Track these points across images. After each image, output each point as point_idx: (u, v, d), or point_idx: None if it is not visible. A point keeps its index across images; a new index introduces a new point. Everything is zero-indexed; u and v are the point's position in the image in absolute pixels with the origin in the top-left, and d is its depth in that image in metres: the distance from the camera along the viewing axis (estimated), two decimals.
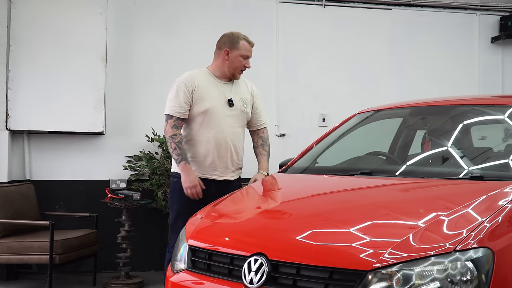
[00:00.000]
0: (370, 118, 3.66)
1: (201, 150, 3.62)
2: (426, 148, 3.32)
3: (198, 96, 3.60)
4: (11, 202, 4.92)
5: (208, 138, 3.61)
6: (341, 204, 2.71)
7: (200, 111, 3.60)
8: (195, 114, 3.61)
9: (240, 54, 3.68)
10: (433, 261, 2.00)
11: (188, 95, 3.59)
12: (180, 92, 3.59)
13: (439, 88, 6.18)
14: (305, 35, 6.14)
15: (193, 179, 3.52)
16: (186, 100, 3.58)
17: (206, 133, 3.61)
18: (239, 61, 3.69)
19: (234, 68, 3.69)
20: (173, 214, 3.71)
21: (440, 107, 3.49)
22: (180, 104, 3.58)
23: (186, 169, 3.52)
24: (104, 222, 5.25)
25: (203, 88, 3.62)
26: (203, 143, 3.62)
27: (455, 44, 6.47)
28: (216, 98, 3.64)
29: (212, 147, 3.62)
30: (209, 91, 3.64)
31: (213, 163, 3.64)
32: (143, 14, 5.80)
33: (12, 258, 4.68)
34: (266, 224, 2.59)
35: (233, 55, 3.68)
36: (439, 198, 2.54)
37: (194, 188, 3.52)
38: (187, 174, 3.52)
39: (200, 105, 3.60)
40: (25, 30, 5.32)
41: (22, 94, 5.32)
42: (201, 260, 2.53)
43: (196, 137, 3.63)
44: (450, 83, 6.35)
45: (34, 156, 5.54)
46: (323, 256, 2.16)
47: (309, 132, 5.90)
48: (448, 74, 6.41)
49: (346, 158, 3.48)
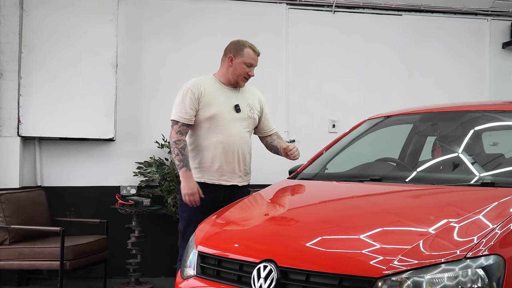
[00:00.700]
0: (380, 124, 3.65)
1: (208, 156, 3.62)
2: (436, 155, 3.30)
3: (205, 102, 3.61)
4: (23, 208, 4.94)
5: (215, 143, 3.61)
6: (350, 210, 2.70)
7: (207, 116, 3.60)
8: (202, 119, 3.61)
9: (244, 61, 3.68)
10: (444, 268, 1.98)
11: (194, 100, 3.60)
12: (186, 98, 3.60)
13: (449, 94, 6.15)
14: (314, 41, 6.14)
15: (192, 186, 3.52)
16: (192, 106, 3.59)
17: (213, 138, 3.61)
18: (242, 68, 3.68)
19: (237, 75, 3.69)
20: (183, 222, 3.71)
21: (450, 113, 3.47)
22: (186, 110, 3.59)
23: (187, 175, 3.53)
24: (114, 228, 5.27)
25: (209, 94, 3.63)
26: (210, 148, 3.62)
27: (466, 49, 6.44)
28: (223, 104, 3.65)
29: (219, 152, 3.62)
30: (215, 97, 3.65)
31: (221, 168, 3.63)
32: (153, 20, 5.83)
33: (23, 264, 4.70)
34: (276, 231, 2.58)
35: (237, 62, 3.69)
36: (449, 204, 2.53)
37: (192, 195, 3.52)
38: (187, 181, 3.53)
39: (207, 111, 3.60)
40: (37, 38, 5.37)
41: (34, 100, 5.36)
42: (210, 267, 2.53)
43: (203, 142, 3.63)
44: (460, 89, 6.32)
45: (45, 162, 5.58)
46: (332, 262, 2.16)
47: (319, 138, 5.89)
48: (459, 80, 6.38)
49: (356, 164, 3.47)
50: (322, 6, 6.16)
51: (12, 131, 5.35)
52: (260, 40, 5.95)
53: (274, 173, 4.39)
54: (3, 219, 4.73)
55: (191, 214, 3.59)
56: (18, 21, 5.35)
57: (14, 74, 5.36)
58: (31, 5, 5.37)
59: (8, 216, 4.77)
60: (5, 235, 4.73)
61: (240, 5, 5.99)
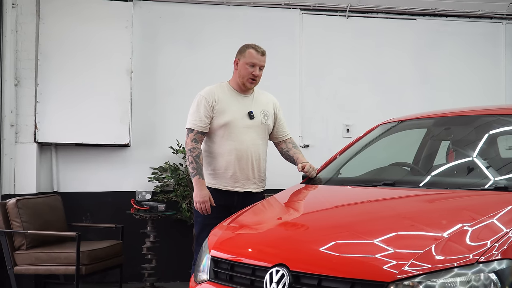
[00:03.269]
0: (394, 128, 3.65)
1: (222, 162, 3.65)
2: (450, 159, 3.29)
3: (219, 109, 3.65)
4: (39, 213, 4.99)
5: (229, 150, 3.64)
6: (363, 215, 2.70)
7: (221, 124, 3.64)
8: (216, 127, 3.65)
9: (246, 62, 3.71)
10: (456, 273, 1.98)
11: (209, 108, 3.64)
12: (200, 106, 3.65)
13: (464, 99, 6.11)
14: (328, 46, 6.15)
15: (204, 195, 3.56)
16: (206, 114, 3.63)
17: (227, 145, 3.64)
18: (246, 69, 3.70)
19: (242, 77, 3.72)
20: (198, 227, 3.73)
21: (465, 117, 3.45)
22: (200, 118, 3.63)
23: (199, 183, 3.57)
24: (129, 233, 5.30)
25: (223, 101, 3.67)
26: (224, 155, 3.65)
27: (481, 54, 6.40)
28: (236, 111, 3.68)
29: (233, 159, 3.64)
30: (229, 104, 3.68)
31: (234, 175, 3.66)
32: (168, 27, 5.87)
33: (40, 269, 4.74)
34: (288, 235, 2.59)
35: (241, 63, 3.73)
36: (462, 209, 2.52)
37: (204, 203, 3.55)
38: (200, 189, 3.56)
39: (221, 118, 3.64)
40: (53, 45, 5.44)
41: (50, 107, 5.42)
42: (223, 271, 2.54)
43: (218, 149, 3.67)
44: (475, 94, 6.28)
45: (61, 168, 5.64)
46: (344, 267, 2.16)
47: (333, 143, 5.89)
48: (473, 85, 6.34)
49: (370, 169, 3.47)
50: (336, 11, 6.16)
51: (29, 137, 5.42)
52: (274, 45, 6.01)
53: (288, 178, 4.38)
54: (20, 225, 4.79)
55: (205, 219, 3.62)
56: (35, 29, 5.43)
57: (31, 81, 5.43)
58: (47, 12, 5.44)
59: (25, 221, 4.82)
60: (22, 240, 4.78)
61: (254, 11, 6.01)
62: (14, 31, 5.39)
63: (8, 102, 5.35)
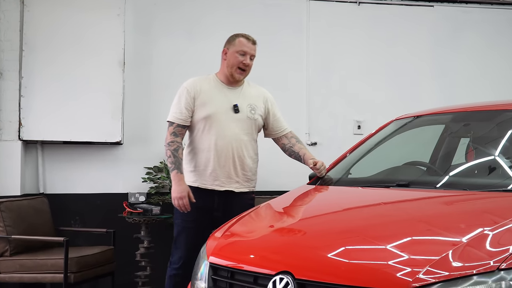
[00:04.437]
0: (409, 125, 3.65)
1: (202, 159, 3.70)
2: (470, 158, 3.28)
3: (201, 101, 3.70)
4: (24, 217, 5.01)
5: (209, 145, 3.68)
6: (375, 218, 2.70)
7: (202, 116, 3.68)
8: (197, 120, 3.70)
9: (236, 50, 3.75)
10: (476, 281, 1.98)
11: (190, 100, 3.68)
12: (182, 97, 3.71)
13: (485, 92, 6.09)
14: (338, 36, 6.14)
15: (182, 190, 3.59)
16: (187, 106, 3.68)
17: (207, 140, 3.68)
18: (235, 57, 3.74)
19: (231, 66, 3.75)
20: (176, 229, 3.81)
21: (485, 112, 3.45)
22: (181, 110, 3.68)
23: (177, 178, 3.60)
24: (122, 238, 5.31)
25: (206, 93, 3.72)
26: (204, 150, 3.69)
27: (505, 43, 6.39)
28: (220, 104, 3.71)
29: (212, 154, 3.68)
30: (212, 96, 3.72)
31: (214, 172, 3.69)
32: (164, 15, 5.88)
33: (24, 277, 4.75)
34: (293, 241, 2.59)
35: (230, 52, 3.77)
36: (482, 212, 2.52)
37: (181, 199, 3.58)
38: (178, 184, 3.60)
39: (202, 111, 3.68)
40: (39, 35, 5.44)
41: (36, 102, 5.43)
42: (222, 279, 2.54)
43: (198, 144, 3.72)
44: (499, 87, 6.26)
45: (48, 168, 5.65)
46: (354, 274, 2.16)
47: (343, 140, 5.89)
48: (498, 77, 6.33)
49: (382, 168, 3.47)
50: None
51: (12, 134, 5.43)
52: (279, 37, 6.02)
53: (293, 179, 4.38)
54: (3, 229, 4.80)
55: (184, 221, 3.71)
56: (19, 17, 5.43)
57: (14, 73, 5.44)
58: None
59: (8, 225, 4.83)
60: (6, 246, 4.80)
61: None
62: None
63: None
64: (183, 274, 3.64)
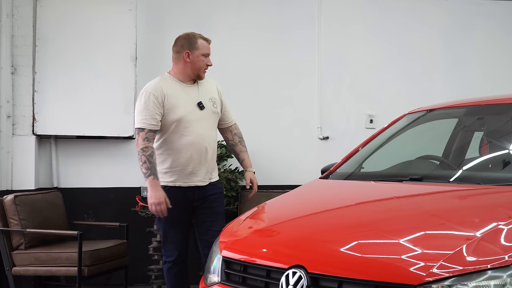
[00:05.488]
0: (422, 118, 3.63)
1: (181, 159, 3.76)
2: (484, 152, 3.26)
3: (169, 105, 3.74)
4: (38, 210, 5.04)
5: (186, 145, 3.75)
6: (389, 212, 2.69)
7: (174, 119, 3.73)
8: (169, 123, 3.74)
9: (201, 53, 3.82)
10: (490, 275, 1.97)
11: (159, 105, 3.72)
12: (149, 103, 3.72)
13: (499, 86, 6.03)
14: (349, 29, 6.11)
15: (159, 196, 3.64)
16: (157, 111, 3.71)
17: (183, 140, 3.75)
18: (201, 61, 3.82)
19: (198, 69, 3.83)
20: (163, 224, 3.87)
21: (500, 105, 3.42)
22: (152, 116, 3.70)
23: (154, 184, 3.65)
24: (134, 232, 5.33)
25: (172, 96, 3.76)
26: (182, 151, 3.75)
27: None
28: (186, 104, 3.78)
29: (191, 153, 3.76)
30: (178, 98, 3.78)
31: (194, 169, 3.78)
32: (175, 10, 5.87)
33: (39, 270, 4.79)
34: (306, 235, 2.59)
35: (194, 55, 3.82)
36: (497, 206, 2.50)
37: (159, 205, 3.64)
38: (154, 190, 3.64)
39: (173, 114, 3.73)
40: (52, 30, 5.47)
41: (49, 97, 5.46)
42: (235, 273, 2.55)
43: (174, 146, 3.76)
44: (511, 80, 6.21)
45: (61, 162, 5.68)
46: (367, 269, 2.15)
47: (355, 134, 5.86)
48: (509, 71, 6.27)
49: (395, 162, 3.45)
50: None
51: (27, 129, 5.47)
52: (290, 30, 6.00)
53: (306, 173, 4.40)
54: (18, 223, 4.84)
55: (168, 216, 3.75)
56: (32, 13, 5.46)
57: (28, 69, 5.47)
58: None
59: (23, 219, 4.87)
60: (21, 240, 4.83)
61: None
62: (10, 15, 5.43)
63: (4, 92, 5.39)
64: (180, 264, 3.89)
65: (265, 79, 5.96)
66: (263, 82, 5.95)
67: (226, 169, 5.61)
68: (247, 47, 5.93)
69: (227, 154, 5.53)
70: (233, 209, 5.57)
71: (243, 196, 5.61)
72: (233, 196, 5.57)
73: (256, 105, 5.87)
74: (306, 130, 5.97)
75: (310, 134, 5.97)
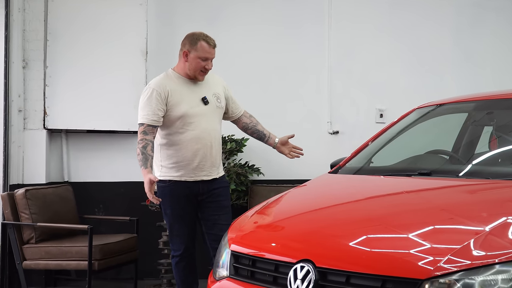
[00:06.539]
0: (431, 113, 3.62)
1: (186, 154, 3.79)
2: (493, 146, 3.25)
3: (173, 102, 3.76)
4: (49, 204, 5.08)
5: (192, 140, 3.78)
6: (397, 207, 2.69)
7: (178, 115, 3.76)
8: (173, 119, 3.77)
9: (198, 56, 3.80)
10: (498, 270, 1.96)
11: (162, 102, 3.74)
12: (152, 99, 3.74)
13: (509, 81, 5.99)
14: (360, 23, 6.09)
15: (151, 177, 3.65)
16: (160, 107, 3.74)
17: (189, 136, 3.78)
18: (198, 63, 3.81)
19: (193, 70, 3.83)
20: (169, 218, 3.92)
21: (509, 100, 3.40)
22: (154, 112, 3.73)
23: (145, 172, 3.68)
24: (145, 226, 5.36)
25: (176, 92, 3.78)
26: (187, 146, 3.78)
27: None
28: (190, 100, 3.80)
29: (196, 148, 3.79)
30: (182, 94, 3.80)
31: (200, 164, 3.81)
32: (186, 5, 5.88)
33: (50, 264, 4.83)
34: (315, 229, 2.59)
35: (191, 56, 3.82)
36: (506, 200, 2.48)
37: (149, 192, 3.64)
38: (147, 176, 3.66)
39: (177, 110, 3.76)
40: (63, 24, 5.49)
41: (60, 91, 5.49)
42: (244, 267, 2.56)
43: (179, 141, 3.79)
44: None
45: (72, 156, 5.71)
46: (375, 263, 2.16)
47: (365, 129, 5.85)
48: None
49: (404, 157, 3.45)
50: None
51: (38, 123, 5.50)
52: (300, 24, 5.98)
53: (315, 167, 4.40)
54: (29, 217, 4.88)
55: (174, 210, 3.85)
56: (43, 7, 5.48)
57: (39, 63, 5.50)
58: None
59: (34, 213, 4.91)
60: (31, 233, 4.88)
61: None
62: (21, 10, 5.46)
63: (15, 86, 5.43)
64: (188, 258, 3.94)
65: (275, 73, 5.96)
66: (273, 76, 5.95)
67: (236, 164, 5.63)
68: (257, 41, 5.93)
69: (237, 148, 5.55)
70: (243, 204, 5.59)
71: (253, 191, 5.63)
72: (243, 191, 5.59)
73: (266, 99, 5.87)
74: (316, 124, 5.97)
75: (320, 128, 5.97)
